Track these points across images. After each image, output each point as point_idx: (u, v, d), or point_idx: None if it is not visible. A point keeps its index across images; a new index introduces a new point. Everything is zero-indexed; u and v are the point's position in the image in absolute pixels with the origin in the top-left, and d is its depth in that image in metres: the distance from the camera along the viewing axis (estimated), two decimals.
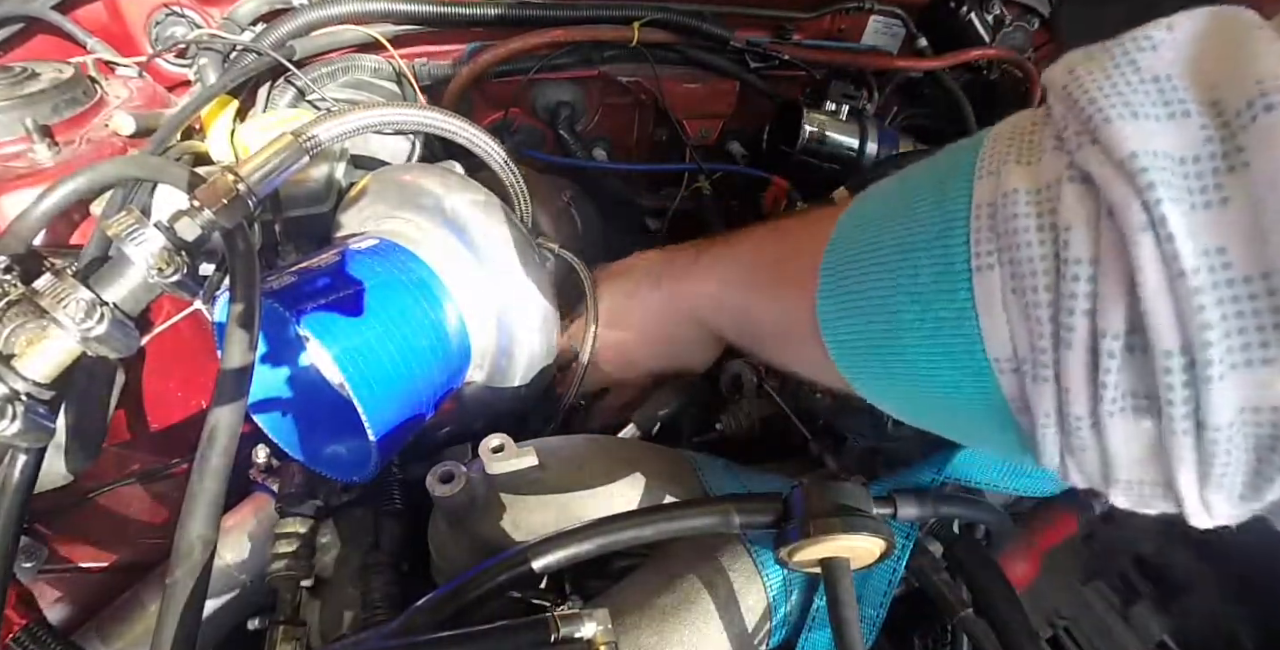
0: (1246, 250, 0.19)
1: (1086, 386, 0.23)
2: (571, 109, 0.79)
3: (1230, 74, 0.21)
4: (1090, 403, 0.23)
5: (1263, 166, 0.19)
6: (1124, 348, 0.21)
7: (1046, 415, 0.24)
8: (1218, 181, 0.20)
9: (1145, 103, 0.21)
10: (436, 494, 0.41)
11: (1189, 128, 0.21)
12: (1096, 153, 0.22)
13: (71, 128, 0.50)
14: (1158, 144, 0.21)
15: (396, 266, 0.48)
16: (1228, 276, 0.20)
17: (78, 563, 0.50)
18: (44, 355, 0.35)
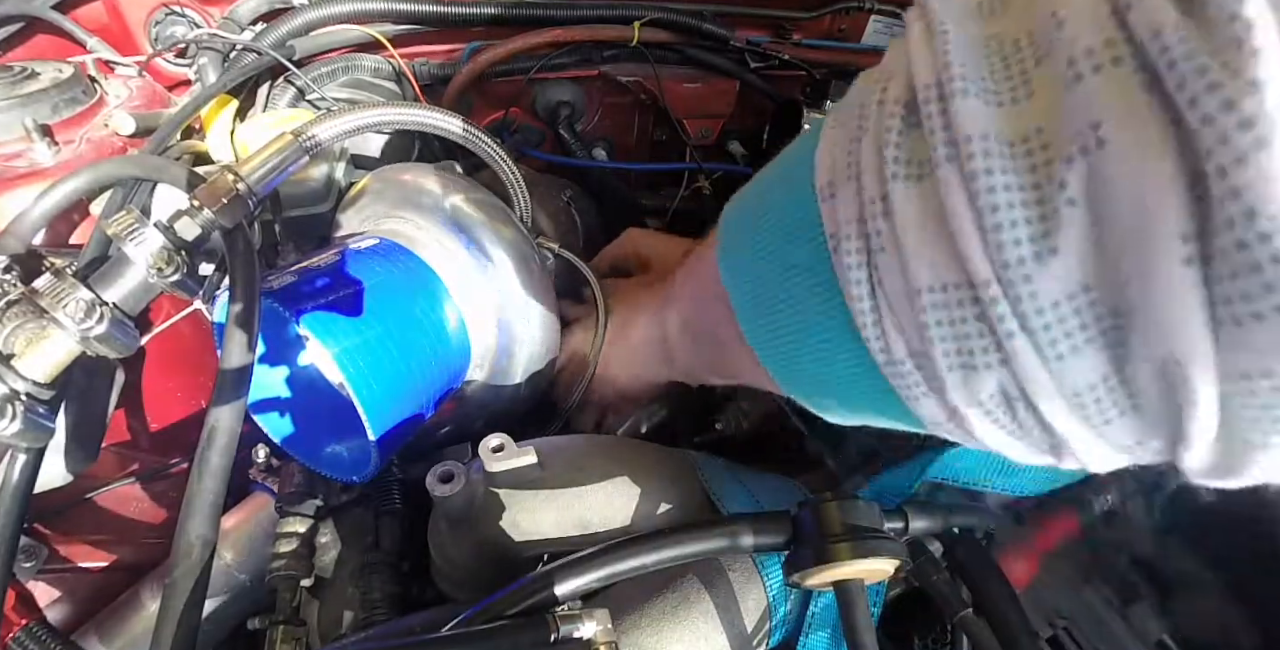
0: (1015, 19, 0.20)
1: (875, 157, 0.23)
2: (571, 109, 0.79)
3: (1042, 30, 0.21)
4: (878, 177, 0.23)
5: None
6: (902, 119, 0.22)
7: (847, 223, 0.24)
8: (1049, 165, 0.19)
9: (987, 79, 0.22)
10: (436, 494, 0.41)
11: (1020, 111, 0.20)
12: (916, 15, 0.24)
13: (71, 127, 0.50)
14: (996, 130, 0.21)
15: (396, 266, 0.48)
16: (995, 31, 0.21)
17: (77, 563, 0.50)
18: (44, 355, 0.35)
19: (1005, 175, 0.19)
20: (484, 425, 0.54)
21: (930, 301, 0.22)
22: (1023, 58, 0.20)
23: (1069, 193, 0.18)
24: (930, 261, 0.21)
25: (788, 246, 0.28)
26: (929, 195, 0.21)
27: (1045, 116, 0.19)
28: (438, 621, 0.41)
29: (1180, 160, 0.16)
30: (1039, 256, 0.19)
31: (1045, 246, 0.19)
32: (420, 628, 0.41)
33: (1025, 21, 0.20)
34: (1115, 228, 0.18)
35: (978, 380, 0.22)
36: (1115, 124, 0.17)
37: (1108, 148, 0.17)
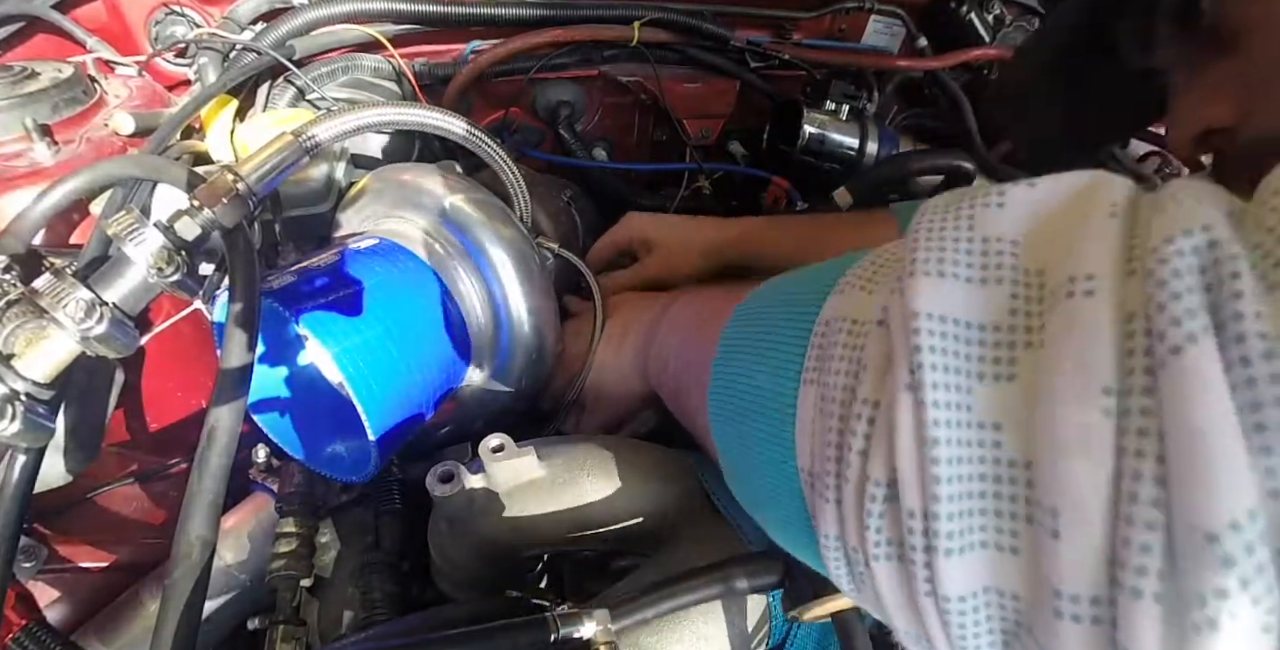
0: (1020, 433, 0.19)
1: (858, 523, 0.22)
2: (571, 109, 0.79)
3: (1063, 247, 0.20)
4: (860, 541, 0.23)
5: (1052, 352, 0.18)
6: (885, 496, 0.21)
7: (826, 537, 0.24)
8: (1012, 356, 0.19)
9: (961, 262, 0.21)
10: (436, 494, 0.41)
11: (998, 295, 0.20)
12: (898, 304, 0.22)
13: (71, 127, 0.50)
14: (953, 308, 0.20)
15: (396, 266, 0.48)
16: (995, 455, 0.19)
17: (77, 563, 0.50)
18: (44, 355, 0.35)
19: (980, 636, 0.20)
20: (484, 425, 0.54)
21: (903, 635, 0.23)
22: (1016, 496, 0.19)
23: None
24: (904, 624, 0.23)
25: (767, 471, 0.29)
26: (905, 581, 0.21)
27: (1026, 592, 0.19)
28: (437, 621, 0.42)
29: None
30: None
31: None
32: (420, 628, 0.41)
33: (1028, 444, 0.19)
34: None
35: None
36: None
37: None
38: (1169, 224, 0.17)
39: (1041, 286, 0.20)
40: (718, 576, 0.39)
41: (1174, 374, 0.16)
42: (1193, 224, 0.17)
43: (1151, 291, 0.17)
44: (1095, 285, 0.18)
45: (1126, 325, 0.17)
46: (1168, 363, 0.16)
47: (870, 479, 0.22)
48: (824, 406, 0.24)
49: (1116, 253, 0.18)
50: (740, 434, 0.31)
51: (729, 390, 0.32)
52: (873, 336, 0.23)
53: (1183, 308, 0.16)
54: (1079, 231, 0.19)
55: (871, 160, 0.84)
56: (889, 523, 0.21)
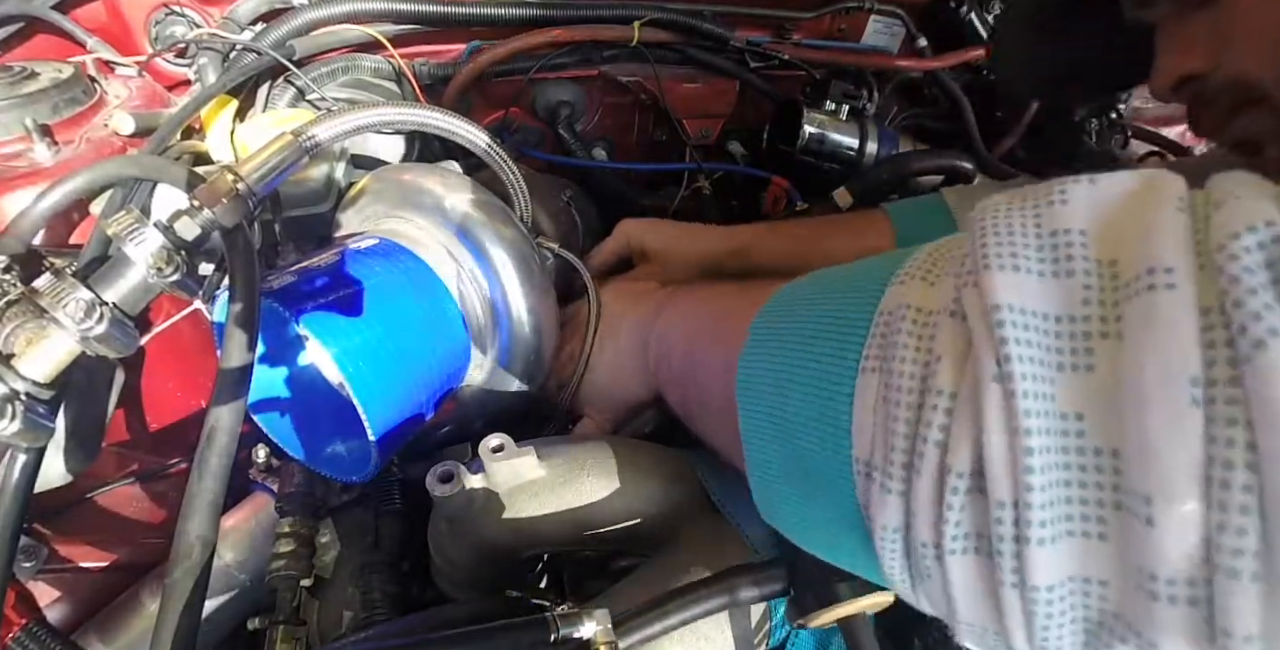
0: (1103, 421, 0.19)
1: (932, 516, 0.22)
2: (571, 109, 0.79)
3: (1136, 239, 0.20)
4: (935, 534, 0.22)
5: (1134, 343, 0.19)
6: (968, 488, 0.21)
7: (885, 528, 0.24)
8: (1088, 346, 0.20)
9: (1033, 257, 0.21)
10: (436, 494, 0.41)
11: (1071, 287, 0.20)
12: (974, 296, 0.22)
13: (71, 127, 0.50)
14: (1030, 300, 0.21)
15: (396, 266, 0.48)
16: (1078, 444, 0.19)
17: (78, 563, 0.50)
18: (44, 355, 0.35)
19: (1063, 626, 0.20)
20: (484, 425, 0.54)
21: (967, 627, 0.23)
22: (1103, 484, 0.19)
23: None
24: (975, 615, 0.23)
25: (814, 460, 0.28)
26: (986, 573, 0.21)
27: (1115, 578, 0.19)
28: (437, 621, 0.42)
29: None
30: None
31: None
32: (420, 628, 0.41)
33: (1114, 433, 0.19)
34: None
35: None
36: (1171, 646, 0.18)
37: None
38: (1231, 219, 0.18)
39: (1115, 276, 0.20)
40: (722, 587, 0.39)
41: (1260, 367, 0.16)
42: (1256, 219, 0.18)
43: (1226, 287, 0.17)
44: (1175, 279, 0.18)
45: (1206, 318, 0.18)
46: (1252, 357, 0.17)
47: (951, 470, 0.21)
48: (889, 395, 0.24)
49: (1190, 246, 0.19)
50: (778, 424, 0.30)
51: (764, 380, 0.32)
52: (945, 327, 0.23)
53: (1261, 303, 0.17)
54: (1151, 222, 0.20)
55: (871, 160, 0.83)
56: (970, 515, 0.21)
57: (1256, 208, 0.18)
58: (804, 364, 0.29)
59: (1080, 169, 0.23)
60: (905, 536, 0.24)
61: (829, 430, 0.27)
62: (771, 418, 0.31)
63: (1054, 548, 0.20)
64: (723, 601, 0.38)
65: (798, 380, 0.29)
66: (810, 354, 0.29)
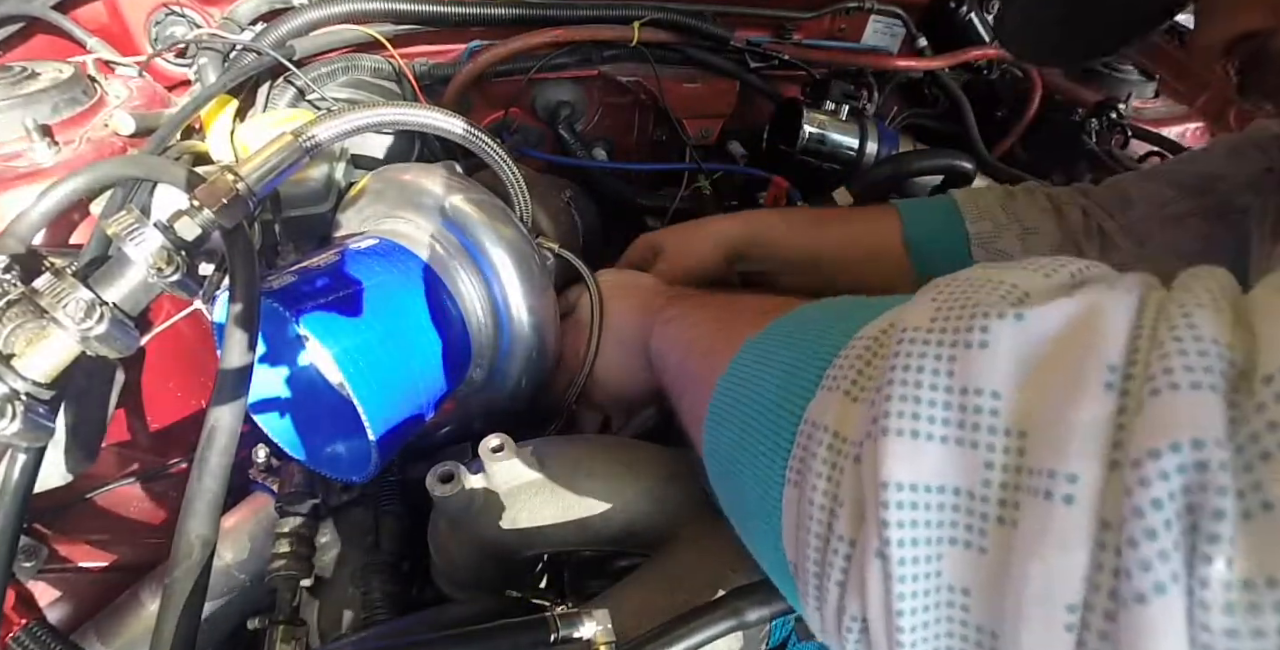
0: (987, 603, 0.19)
1: (837, 637, 0.23)
2: (571, 109, 0.79)
3: (1049, 423, 0.18)
4: (840, 646, 0.23)
5: (1024, 548, 0.18)
6: (860, 629, 0.22)
7: (812, 623, 0.25)
8: (983, 528, 0.19)
9: (937, 419, 0.20)
10: (436, 494, 0.41)
11: (974, 461, 0.19)
12: (870, 457, 0.21)
13: (71, 127, 0.50)
14: (927, 473, 0.20)
15: (396, 266, 0.48)
16: (962, 617, 0.20)
17: (78, 563, 0.50)
18: (44, 355, 0.35)
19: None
20: (484, 425, 0.54)
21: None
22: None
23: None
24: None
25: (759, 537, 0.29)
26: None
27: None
28: (437, 621, 0.42)
29: None
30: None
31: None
32: (420, 628, 0.41)
33: (994, 619, 0.19)
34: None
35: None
36: None
37: None
38: (1159, 427, 0.16)
39: (1021, 454, 0.19)
40: (727, 610, 0.38)
41: (1134, 623, 0.16)
42: (1183, 435, 0.16)
43: (1127, 517, 0.16)
44: (1076, 491, 0.17)
45: (1101, 535, 0.17)
46: (1130, 609, 0.16)
47: (846, 612, 0.22)
48: (804, 520, 0.24)
49: (1104, 445, 0.17)
50: (735, 501, 0.32)
51: (721, 455, 0.33)
52: (849, 474, 0.23)
53: (1155, 550, 0.16)
54: (1068, 402, 0.18)
55: (871, 160, 0.84)
56: (864, 647, 0.23)
57: (1192, 412, 0.16)
58: (747, 457, 0.30)
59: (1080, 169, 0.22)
60: (824, 637, 0.25)
61: (768, 527, 0.28)
62: (729, 487, 0.33)
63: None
64: (730, 624, 0.38)
65: (743, 471, 0.30)
66: (751, 449, 0.29)
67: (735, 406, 0.32)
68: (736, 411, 0.31)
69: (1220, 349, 0.17)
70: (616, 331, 0.54)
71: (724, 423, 0.32)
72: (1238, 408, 0.16)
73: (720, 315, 0.44)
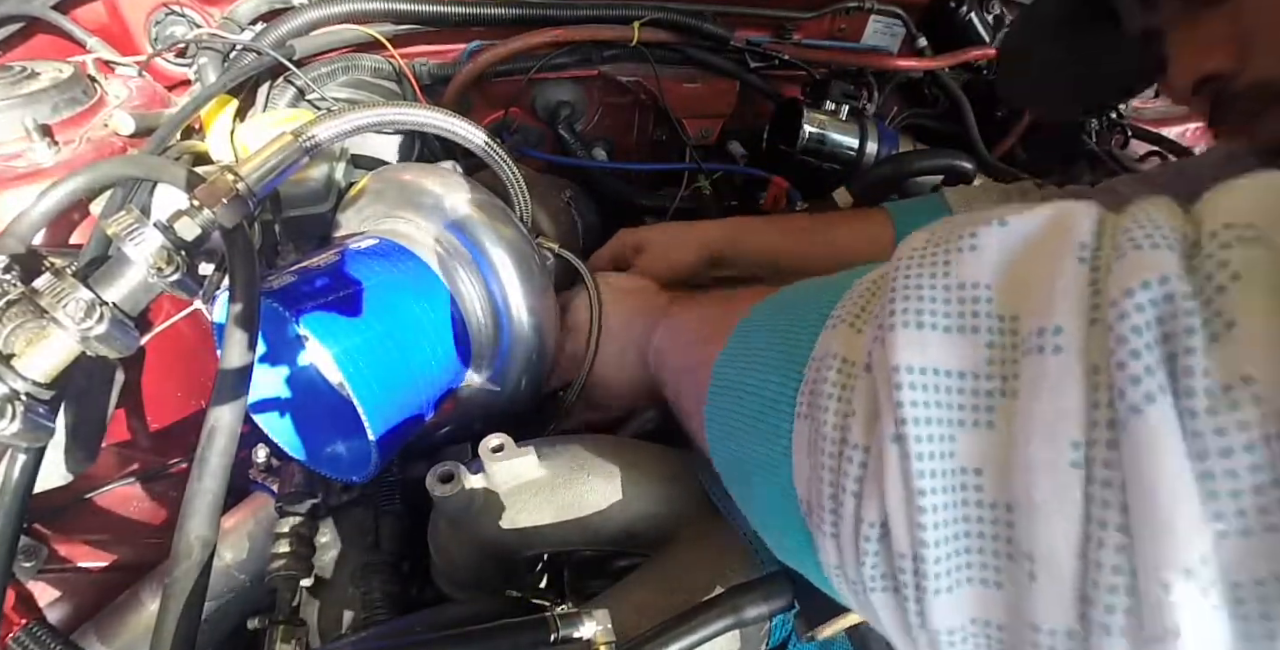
0: (999, 477, 0.20)
1: (854, 559, 0.24)
2: (571, 109, 0.79)
3: (1034, 295, 0.20)
4: (858, 574, 0.24)
5: (1024, 405, 0.19)
6: (879, 536, 0.23)
7: (827, 566, 0.26)
8: (989, 404, 0.20)
9: (939, 312, 0.22)
10: (436, 494, 0.41)
11: (975, 344, 0.21)
12: (879, 353, 0.23)
13: (71, 127, 0.50)
14: (933, 358, 0.21)
15: (396, 266, 0.48)
16: (977, 498, 0.20)
17: (77, 563, 0.50)
18: (44, 355, 0.35)
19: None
20: (483, 425, 0.54)
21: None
22: (998, 536, 0.20)
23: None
24: (903, 648, 0.24)
25: (765, 494, 0.30)
26: (900, 612, 0.23)
27: (1010, 623, 0.20)
28: (437, 621, 0.42)
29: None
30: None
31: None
32: (420, 628, 0.41)
33: (1006, 489, 0.20)
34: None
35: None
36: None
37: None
38: (1128, 273, 0.18)
39: (1015, 333, 0.20)
40: (727, 608, 0.38)
41: (1133, 433, 0.17)
42: (1150, 274, 0.18)
43: (1113, 347, 0.18)
44: (1063, 341, 0.19)
45: (1092, 377, 0.18)
46: (1128, 423, 0.17)
47: (864, 521, 0.23)
48: (817, 444, 0.25)
49: (1083, 302, 0.19)
50: (739, 463, 0.32)
51: (724, 422, 0.33)
52: (861, 381, 0.24)
53: (1141, 366, 0.17)
54: (1048, 276, 0.20)
55: (871, 160, 0.84)
56: (883, 559, 0.23)
57: (1155, 259, 0.18)
58: (752, 411, 0.30)
59: (1080, 169, 0.23)
60: (843, 574, 0.25)
61: (774, 477, 0.28)
62: (732, 451, 0.33)
63: (952, 596, 0.21)
64: (729, 622, 0.38)
65: (749, 427, 0.30)
66: (756, 401, 0.30)
67: (738, 371, 0.33)
68: (739, 374, 0.32)
69: (1174, 225, 0.19)
70: (616, 332, 0.54)
71: (727, 389, 0.33)
72: (1192, 259, 0.18)
73: (722, 306, 0.44)
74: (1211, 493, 0.16)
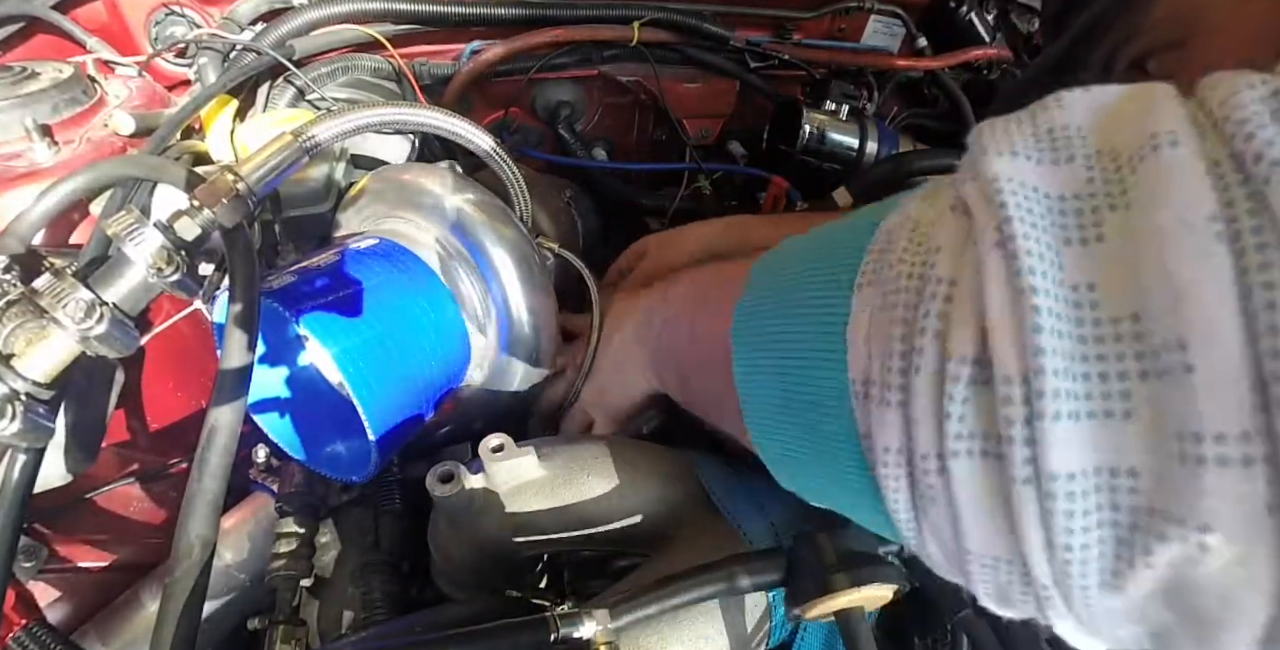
0: (1118, 288, 0.18)
1: (933, 419, 0.20)
2: (571, 109, 0.79)
3: (1130, 125, 0.20)
4: (936, 437, 0.20)
5: (1146, 199, 0.18)
6: (970, 377, 0.19)
7: (886, 451, 0.22)
8: (1096, 219, 0.19)
9: (1030, 146, 0.21)
10: (436, 494, 0.41)
11: (1072, 171, 0.20)
12: (973, 183, 0.22)
13: (71, 127, 0.50)
14: (1030, 178, 0.20)
15: (396, 266, 0.48)
16: (1093, 316, 0.18)
17: (78, 563, 0.50)
18: (44, 355, 0.35)
19: (1089, 530, 0.18)
20: (484, 425, 0.54)
21: (979, 564, 0.21)
22: (1124, 355, 0.17)
23: (1155, 571, 0.17)
24: (986, 538, 0.20)
25: (812, 391, 0.26)
26: (995, 476, 0.19)
27: (1148, 462, 0.17)
28: (437, 621, 0.42)
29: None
30: (1103, 588, 0.18)
31: (1113, 585, 0.18)
32: (420, 628, 0.41)
33: (1132, 296, 0.17)
34: (1194, 617, 0.17)
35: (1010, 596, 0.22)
36: (1225, 528, 0.16)
37: (1210, 552, 0.16)
38: (1228, 87, 0.18)
39: (1115, 158, 0.19)
40: (719, 574, 0.38)
41: (1275, 187, 0.16)
42: (1253, 79, 0.18)
43: (1233, 130, 0.17)
44: (1178, 138, 0.18)
45: (1215, 168, 0.17)
46: (1271, 178, 0.16)
47: (952, 357, 0.20)
48: (887, 299, 0.22)
49: (1190, 117, 0.19)
50: (775, 360, 0.29)
51: (760, 317, 0.31)
52: (943, 223, 0.22)
53: (1270, 134, 0.16)
54: (1148, 108, 0.20)
55: (871, 160, 0.84)
56: (974, 408, 0.19)
57: (1251, 77, 0.18)
58: (799, 294, 0.28)
59: None
60: (907, 456, 0.22)
61: (825, 356, 0.25)
62: (769, 352, 0.29)
63: (1072, 427, 0.17)
64: (719, 588, 0.38)
65: (792, 312, 0.28)
66: (805, 284, 0.28)
67: (777, 277, 0.31)
68: (780, 277, 0.30)
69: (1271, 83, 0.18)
70: (616, 337, 0.54)
71: (765, 291, 0.31)
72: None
73: (725, 265, 0.44)
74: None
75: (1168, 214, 0.17)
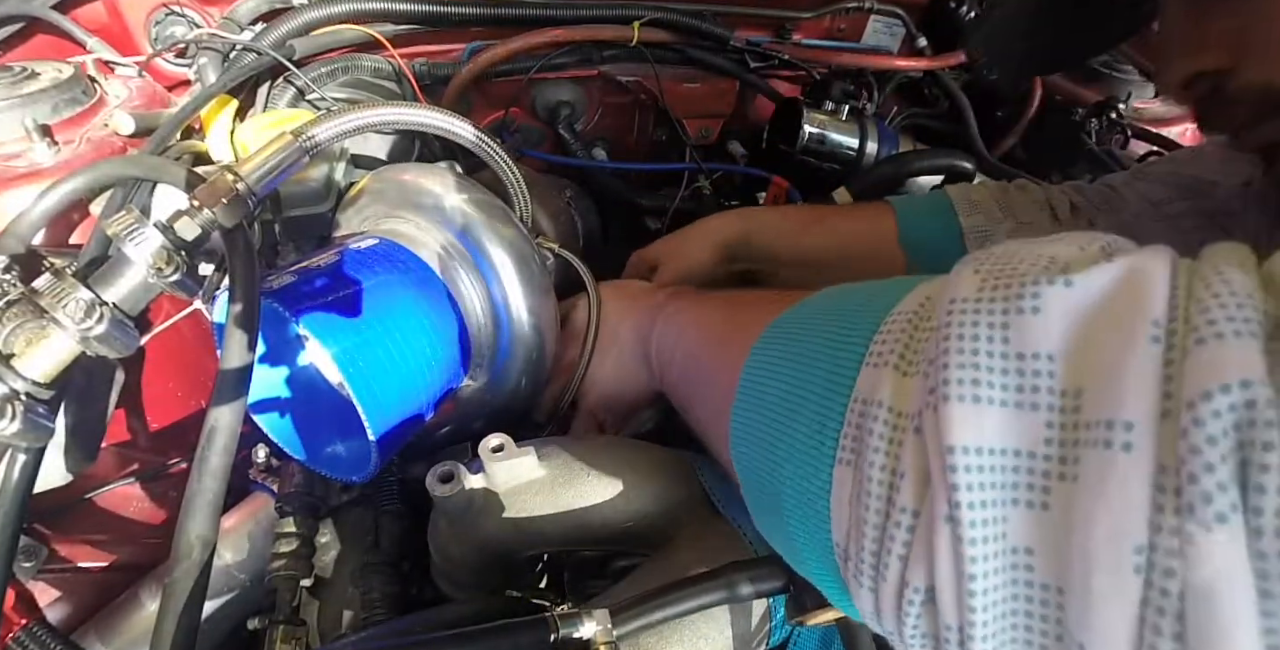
0: (1052, 560, 0.20)
1: (895, 616, 0.24)
2: (571, 109, 0.79)
3: (1103, 376, 0.19)
4: (898, 628, 0.24)
5: (1087, 496, 0.19)
6: (923, 600, 0.22)
7: (861, 612, 0.26)
8: (1045, 485, 0.20)
9: (996, 383, 0.21)
10: (436, 494, 0.41)
11: (1034, 422, 0.20)
12: (932, 424, 0.22)
13: (71, 127, 0.50)
14: (990, 437, 0.20)
15: (396, 266, 0.48)
16: (1027, 577, 0.20)
17: (78, 563, 0.50)
18: (44, 355, 0.35)
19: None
20: (483, 425, 0.54)
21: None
22: (1047, 618, 0.20)
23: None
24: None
25: (795, 495, 0.29)
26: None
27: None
28: (437, 621, 0.42)
29: None
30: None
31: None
32: (420, 627, 0.41)
33: (1057, 573, 0.20)
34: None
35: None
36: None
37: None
38: (1207, 371, 0.17)
39: (1078, 411, 0.19)
40: (721, 582, 0.38)
41: (1200, 552, 0.17)
42: (1230, 377, 0.17)
43: (1185, 456, 0.17)
44: (1134, 437, 0.18)
45: (1159, 478, 0.18)
46: (1196, 542, 0.17)
47: (910, 585, 0.23)
48: (862, 497, 0.24)
49: (1155, 392, 0.18)
50: (769, 490, 0.31)
51: (753, 443, 0.32)
52: (910, 445, 0.23)
53: (1214, 482, 0.17)
54: (1119, 356, 0.19)
55: (871, 160, 0.84)
56: (926, 621, 0.23)
57: (1237, 355, 0.17)
58: (788, 440, 0.29)
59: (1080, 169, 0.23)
60: (878, 621, 0.25)
61: (811, 511, 0.27)
62: (761, 479, 0.31)
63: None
64: (721, 596, 0.38)
65: (782, 457, 0.29)
66: (792, 429, 0.29)
67: (767, 391, 0.31)
68: (770, 396, 0.31)
69: (1255, 302, 0.18)
70: (612, 333, 0.54)
71: (756, 407, 0.32)
72: (1275, 355, 0.17)
73: (726, 307, 0.44)
74: (1267, 612, 0.16)
75: (1101, 527, 0.18)
